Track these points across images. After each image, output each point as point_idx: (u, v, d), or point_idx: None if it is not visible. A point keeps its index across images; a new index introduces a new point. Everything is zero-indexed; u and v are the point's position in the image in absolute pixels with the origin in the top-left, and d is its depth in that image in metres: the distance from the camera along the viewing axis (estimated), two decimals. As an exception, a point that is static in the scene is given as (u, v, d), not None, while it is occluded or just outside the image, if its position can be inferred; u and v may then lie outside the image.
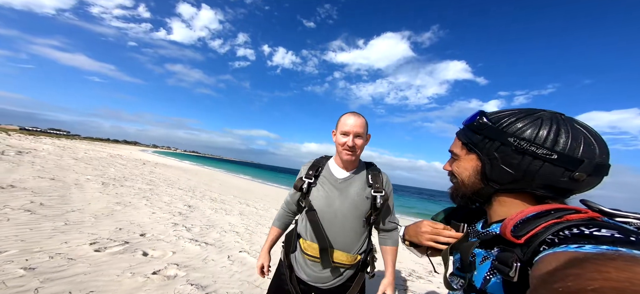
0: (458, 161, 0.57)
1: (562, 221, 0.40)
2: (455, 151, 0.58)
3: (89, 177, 6.13)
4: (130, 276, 1.91)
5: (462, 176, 0.56)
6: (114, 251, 2.32)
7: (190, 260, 2.42)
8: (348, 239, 1.03)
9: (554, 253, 0.35)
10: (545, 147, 0.44)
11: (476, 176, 0.54)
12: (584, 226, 0.36)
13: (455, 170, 0.58)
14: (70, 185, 4.97)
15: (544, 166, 0.44)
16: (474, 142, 0.53)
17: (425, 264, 3.81)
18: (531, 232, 0.41)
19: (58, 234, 2.51)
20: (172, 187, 7.01)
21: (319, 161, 1.15)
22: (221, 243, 3.10)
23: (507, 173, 0.48)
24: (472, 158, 0.54)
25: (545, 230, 0.40)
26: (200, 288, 1.93)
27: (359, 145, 1.02)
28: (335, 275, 1.04)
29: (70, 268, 1.90)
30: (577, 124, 0.46)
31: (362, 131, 1.01)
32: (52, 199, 3.74)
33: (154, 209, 4.17)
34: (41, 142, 16.52)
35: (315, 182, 1.08)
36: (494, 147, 0.49)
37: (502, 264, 0.42)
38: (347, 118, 1.02)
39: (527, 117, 0.47)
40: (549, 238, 0.38)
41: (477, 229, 0.60)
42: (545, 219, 0.41)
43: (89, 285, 1.72)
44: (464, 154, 0.56)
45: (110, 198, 4.42)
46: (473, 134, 0.53)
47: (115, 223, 3.12)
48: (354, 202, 1.03)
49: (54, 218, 2.94)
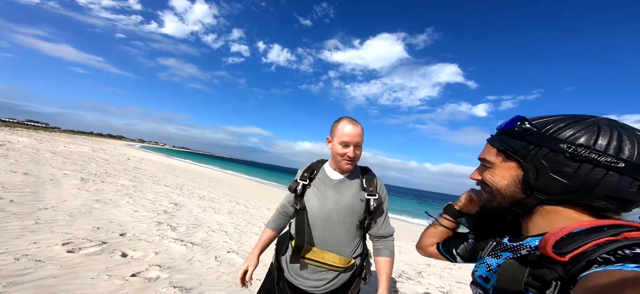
0: (492, 170, 0.52)
1: (620, 239, 0.35)
2: (489, 158, 0.53)
3: (66, 173, 5.78)
4: (107, 279, 1.78)
5: (499, 186, 0.51)
6: (89, 252, 2.16)
7: (174, 261, 2.30)
8: (341, 241, 1.01)
9: (605, 271, 0.31)
10: (608, 154, 0.40)
11: (517, 186, 0.49)
12: None
13: (488, 179, 0.53)
14: (45, 181, 4.66)
15: (609, 175, 0.40)
16: (515, 149, 0.48)
17: (414, 265, 3.84)
18: (579, 249, 0.36)
19: (27, 233, 2.32)
20: (158, 185, 6.74)
21: (314, 164, 1.15)
22: (208, 243, 2.97)
23: (559, 183, 0.44)
24: (512, 166, 0.49)
25: (598, 248, 0.35)
26: (184, 290, 1.82)
27: (358, 155, 1.02)
28: (328, 279, 1.00)
29: (37, 270, 1.74)
30: (638, 131, 0.43)
31: (361, 140, 1.02)
32: (23, 196, 3.48)
33: (137, 207, 3.97)
34: (17, 134, 15.51)
35: (309, 184, 1.08)
36: (541, 154, 0.45)
37: (538, 281, 0.38)
38: (345, 126, 1.00)
39: (579, 123, 0.44)
40: (603, 256, 0.34)
41: (505, 243, 0.55)
42: (597, 236, 0.37)
43: (58, 289, 1.58)
44: (501, 161, 0.51)
45: (89, 195, 4.17)
46: (513, 140, 0.49)
47: (93, 222, 2.93)
48: (348, 204, 1.02)
49: (24, 216, 2.72)
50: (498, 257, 0.54)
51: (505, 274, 0.44)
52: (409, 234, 7.07)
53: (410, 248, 4.92)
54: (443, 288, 2.98)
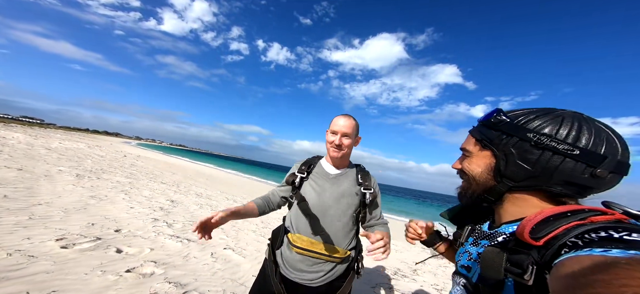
0: (470, 158, 0.56)
1: (586, 223, 0.37)
2: (468, 147, 0.57)
3: (61, 169, 5.72)
4: (100, 275, 1.77)
5: (474, 173, 0.55)
6: (83, 247, 2.15)
7: (170, 257, 2.29)
8: (338, 232, 1.04)
9: (576, 256, 0.33)
10: (567, 142, 0.43)
11: (489, 173, 0.52)
12: (612, 229, 0.34)
13: (466, 167, 0.56)
14: (40, 176, 4.61)
15: (565, 162, 0.44)
16: (490, 138, 0.52)
17: (410, 263, 3.87)
18: (551, 234, 0.38)
19: (20, 229, 2.30)
20: (155, 181, 6.70)
21: (311, 159, 1.20)
22: (204, 240, 2.97)
23: (524, 169, 0.47)
24: (486, 155, 0.53)
25: (567, 232, 0.37)
26: (179, 286, 1.82)
27: (345, 144, 1.06)
28: (325, 271, 1.02)
29: (30, 266, 1.73)
30: (598, 122, 0.46)
31: (350, 132, 1.06)
32: (17, 191, 3.44)
33: (133, 204, 3.95)
34: (11, 130, 15.30)
35: (307, 177, 1.12)
36: (511, 142, 0.49)
37: (516, 266, 0.40)
38: (338, 119, 1.08)
39: (546, 115, 0.47)
40: (572, 240, 0.36)
41: (483, 230, 0.58)
42: (567, 221, 0.39)
43: (51, 284, 1.56)
44: (478, 150, 0.55)
45: (84, 191, 4.13)
46: (489, 130, 0.53)
47: (88, 218, 2.91)
48: (345, 197, 1.06)
49: (18, 212, 2.69)
50: (478, 245, 0.56)
51: (486, 262, 0.45)
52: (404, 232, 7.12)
53: (406, 246, 4.96)
54: (437, 285, 3.01)
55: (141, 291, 1.66)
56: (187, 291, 1.78)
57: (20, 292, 1.45)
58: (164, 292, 1.70)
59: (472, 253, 0.57)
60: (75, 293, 1.53)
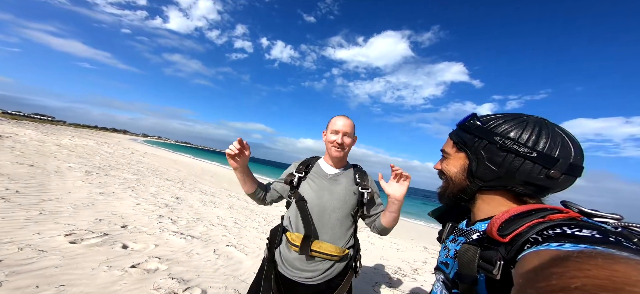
0: (448, 159, 0.60)
1: (546, 220, 0.41)
2: (447, 149, 0.61)
3: (71, 165, 5.88)
4: (106, 270, 1.83)
5: (450, 173, 0.59)
6: (91, 243, 2.21)
7: (174, 253, 2.34)
8: (336, 231, 1.06)
9: (536, 251, 0.36)
10: (527, 146, 0.48)
11: (463, 174, 0.56)
12: (566, 226, 0.38)
13: (444, 168, 0.60)
14: (50, 172, 4.75)
15: (524, 164, 0.48)
16: (464, 141, 0.56)
17: (411, 262, 3.86)
18: (516, 231, 0.42)
19: (31, 224, 2.38)
20: (160, 178, 6.82)
21: (309, 159, 1.22)
22: (208, 237, 3.02)
23: (491, 170, 0.52)
24: (461, 156, 0.57)
25: (529, 229, 0.41)
26: (182, 281, 1.86)
27: (347, 143, 1.09)
28: (323, 269, 1.03)
29: (40, 260, 1.79)
30: (558, 128, 0.50)
31: (350, 131, 1.10)
32: (29, 187, 3.56)
33: (139, 200, 4.04)
34: (23, 127, 15.77)
35: (305, 177, 1.14)
36: (482, 145, 0.53)
37: (486, 262, 0.44)
38: (337, 119, 1.10)
39: (513, 120, 0.51)
40: (533, 237, 0.39)
41: (461, 228, 0.62)
42: (529, 219, 0.42)
43: (59, 279, 1.62)
44: (454, 152, 0.59)
45: (93, 188, 4.24)
46: (464, 133, 0.56)
47: (96, 214, 2.99)
48: (343, 196, 1.08)
49: (29, 207, 2.78)
50: (455, 242, 0.60)
51: (462, 258, 0.48)
52: (407, 231, 7.10)
53: (408, 246, 4.95)
54: (439, 285, 3.00)
55: (145, 287, 1.71)
56: (189, 287, 1.82)
57: (29, 286, 1.51)
58: (167, 288, 1.75)
59: (451, 250, 0.60)
60: (82, 287, 1.58)
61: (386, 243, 4.80)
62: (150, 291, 1.67)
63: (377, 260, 3.47)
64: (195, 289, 1.81)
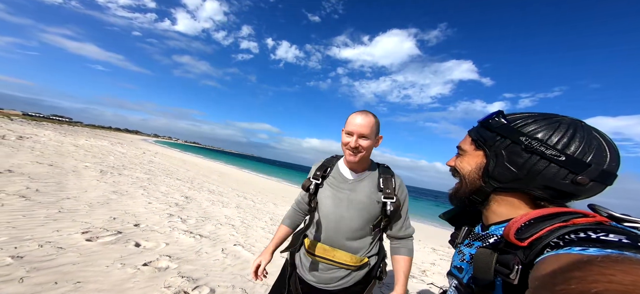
0: (463, 157, 0.57)
1: (569, 224, 0.39)
2: (464, 146, 0.58)
3: (87, 165, 6.13)
4: (120, 267, 1.89)
5: (464, 171, 0.56)
6: (105, 240, 2.30)
7: (183, 252, 2.40)
8: (354, 242, 0.99)
9: (555, 254, 0.34)
10: (555, 148, 0.45)
11: (477, 173, 0.54)
12: (591, 231, 0.36)
13: (458, 165, 0.58)
14: (68, 172, 4.97)
15: (549, 167, 0.45)
16: (484, 139, 0.53)
17: (419, 263, 3.80)
18: (535, 235, 0.39)
19: (51, 222, 2.50)
20: (171, 178, 7.01)
21: (328, 161, 1.13)
22: (216, 236, 3.08)
23: (510, 171, 0.49)
24: (479, 155, 0.54)
25: (551, 233, 0.38)
26: (191, 280, 1.91)
27: (364, 146, 0.95)
28: (340, 276, 1.00)
29: (59, 257, 1.88)
30: (595, 132, 0.46)
31: (369, 132, 0.94)
32: (48, 186, 3.73)
33: (151, 199, 4.16)
34: (43, 128, 16.56)
35: (322, 183, 1.06)
36: (503, 144, 0.50)
37: (503, 266, 0.42)
38: (354, 117, 0.96)
39: (545, 121, 0.48)
40: (554, 241, 0.37)
41: (477, 232, 0.59)
42: (550, 222, 0.40)
43: (76, 275, 1.69)
44: (472, 150, 0.56)
45: (107, 187, 4.41)
46: (486, 131, 0.54)
47: (110, 212, 3.11)
48: (363, 205, 0.98)
49: (49, 205, 2.92)
50: (471, 246, 0.58)
51: (478, 262, 0.46)
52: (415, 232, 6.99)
53: (416, 247, 4.87)
54: (446, 287, 2.95)
55: (156, 285, 1.76)
56: (198, 285, 1.86)
57: (49, 282, 1.58)
58: (177, 286, 1.79)
59: (465, 254, 0.58)
60: (97, 284, 1.65)
61: (393, 244, 4.76)
62: (162, 289, 1.72)
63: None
64: (204, 288, 1.85)
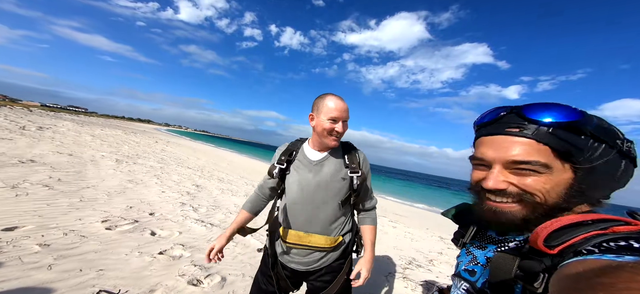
0: (543, 176, 0.42)
1: (608, 232, 0.35)
2: (542, 160, 0.41)
3: (104, 154, 6.40)
4: (138, 256, 2.00)
5: (549, 195, 0.42)
6: (123, 229, 2.43)
7: (196, 241, 2.51)
8: (326, 222, 1.01)
9: (583, 260, 0.32)
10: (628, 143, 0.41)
11: (563, 194, 0.42)
12: (634, 240, 0.32)
13: (534, 187, 0.42)
14: (87, 161, 5.21)
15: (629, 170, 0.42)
16: (578, 147, 0.40)
17: (425, 252, 3.82)
18: (568, 242, 0.35)
19: (73, 210, 2.65)
20: (182, 166, 7.24)
21: (293, 144, 1.12)
22: (226, 224, 3.19)
23: (609, 184, 0.43)
24: (566, 169, 0.41)
25: (586, 241, 0.35)
26: (204, 268, 2.00)
27: (345, 130, 1.01)
28: (318, 257, 1.03)
29: (82, 245, 2.01)
30: None
31: (348, 116, 1.00)
32: (69, 175, 3.94)
33: (164, 188, 4.33)
34: (61, 118, 17.29)
35: (288, 168, 1.06)
36: (598, 151, 0.41)
37: (526, 273, 0.38)
38: (333, 101, 0.97)
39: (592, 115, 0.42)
40: (588, 248, 0.34)
41: (491, 235, 0.54)
42: (586, 229, 0.36)
43: (98, 263, 1.81)
44: (560, 164, 0.42)
45: (123, 176, 4.61)
46: (574, 136, 0.41)
47: (127, 201, 3.26)
48: (329, 185, 1.00)
49: (70, 194, 3.09)
50: (484, 248, 0.53)
51: (496, 268, 0.43)
52: (422, 220, 7.00)
53: (423, 235, 4.89)
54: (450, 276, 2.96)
55: (171, 273, 1.86)
56: (210, 273, 1.96)
57: (74, 269, 1.70)
58: (190, 274, 1.89)
59: (478, 257, 0.53)
60: (117, 272, 1.76)
61: (400, 232, 4.78)
62: (176, 277, 1.82)
63: (390, 250, 3.48)
64: (216, 276, 1.94)
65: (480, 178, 0.48)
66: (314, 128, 1.02)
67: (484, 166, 0.48)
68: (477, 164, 0.50)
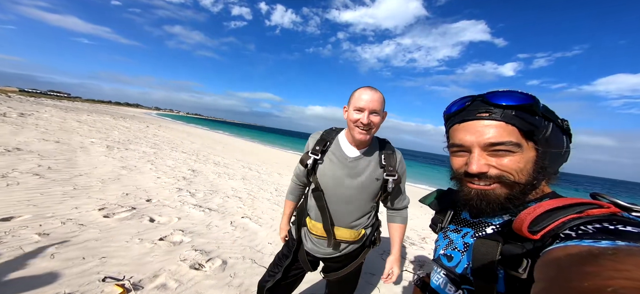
0: (514, 155, 0.45)
1: (583, 216, 0.37)
2: (512, 139, 0.45)
3: (93, 141, 6.23)
4: (139, 242, 2.05)
5: (522, 174, 0.45)
6: (121, 217, 2.45)
7: (195, 226, 2.56)
8: (354, 218, 1.02)
9: (564, 246, 0.33)
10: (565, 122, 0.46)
11: (531, 171, 0.46)
12: (607, 222, 0.34)
13: (511, 167, 0.45)
14: (76, 148, 5.07)
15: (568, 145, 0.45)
16: (536, 127, 0.45)
17: (419, 230, 4.03)
18: (549, 227, 0.37)
19: (68, 199, 2.63)
20: (176, 151, 7.15)
21: (327, 134, 1.08)
22: (224, 209, 3.25)
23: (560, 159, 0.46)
24: (530, 146, 0.46)
25: (563, 225, 0.36)
26: (204, 253, 2.07)
27: (375, 123, 0.93)
28: (342, 248, 1.07)
29: (82, 233, 2.03)
30: None
31: (379, 108, 0.93)
32: (59, 163, 3.85)
33: (159, 174, 4.30)
34: (42, 104, 16.47)
35: (322, 159, 1.03)
36: (549, 129, 0.45)
37: (510, 259, 0.40)
38: (362, 93, 0.93)
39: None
40: (565, 232, 0.35)
41: (464, 218, 0.56)
42: (564, 213, 0.37)
43: (100, 251, 1.84)
44: (526, 143, 0.46)
45: (116, 162, 4.53)
46: (532, 117, 0.45)
47: (122, 188, 3.25)
48: (364, 184, 0.99)
49: (63, 183, 3.05)
50: (459, 232, 0.55)
51: (479, 254, 0.44)
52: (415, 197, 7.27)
53: (416, 214, 5.11)
54: (443, 253, 3.16)
55: (173, 258, 1.92)
56: (211, 258, 2.03)
57: (77, 257, 1.73)
58: (192, 259, 1.95)
59: (455, 240, 0.55)
60: (120, 259, 1.80)
61: (393, 211, 4.98)
62: (178, 262, 1.88)
63: (384, 229, 3.66)
64: (217, 260, 2.01)
65: (461, 164, 0.51)
66: (346, 121, 1.00)
67: (463, 151, 0.50)
68: (456, 150, 0.52)
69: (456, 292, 0.51)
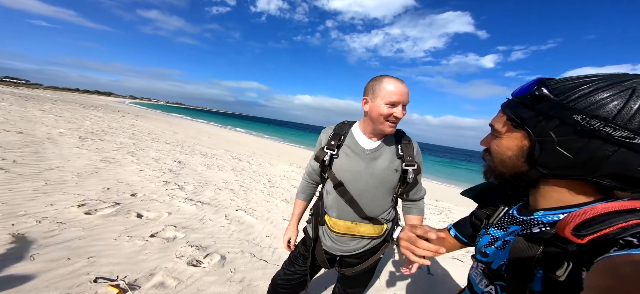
0: (499, 139, 0.49)
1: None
2: (497, 126, 0.49)
3: (62, 131, 5.68)
4: (128, 240, 1.93)
5: (503, 157, 0.48)
6: (105, 213, 2.28)
7: (187, 221, 2.46)
8: (375, 212, 1.00)
9: (627, 254, 0.29)
10: (628, 129, 0.35)
11: (520, 158, 0.46)
12: None
13: (494, 148, 0.50)
14: (42, 139, 4.61)
15: (619, 152, 0.36)
16: (524, 119, 0.44)
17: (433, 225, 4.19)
18: (601, 231, 0.34)
19: (40, 195, 2.40)
20: (158, 142, 6.74)
21: (340, 128, 1.06)
22: (217, 202, 3.14)
23: (563, 157, 0.40)
24: (517, 136, 0.46)
25: (623, 231, 0.33)
26: (201, 248, 2.00)
27: (404, 116, 0.93)
28: (364, 244, 1.05)
29: (62, 232, 1.86)
30: None
31: (408, 99, 0.92)
32: (25, 156, 3.48)
33: (142, 166, 4.05)
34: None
35: (337, 153, 1.00)
36: (550, 126, 0.41)
37: (550, 261, 0.38)
38: (392, 84, 0.88)
39: (608, 88, 0.37)
40: (626, 239, 0.32)
41: (513, 214, 0.53)
42: (624, 218, 0.34)
43: (86, 250, 1.71)
44: (506, 131, 0.47)
45: (91, 154, 4.19)
46: (524, 108, 0.45)
47: (102, 182, 3.02)
48: (383, 176, 0.97)
49: (32, 178, 2.77)
50: (505, 229, 0.52)
51: (516, 252, 0.43)
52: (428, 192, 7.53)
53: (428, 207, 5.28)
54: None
55: (168, 255, 1.84)
56: (209, 253, 1.97)
57: (61, 258, 1.59)
58: (188, 255, 1.88)
59: (497, 237, 0.53)
60: (110, 258, 1.69)
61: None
62: (174, 259, 1.80)
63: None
64: (215, 255, 1.95)
65: None
66: (368, 113, 0.94)
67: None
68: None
69: (488, 286, 0.51)
